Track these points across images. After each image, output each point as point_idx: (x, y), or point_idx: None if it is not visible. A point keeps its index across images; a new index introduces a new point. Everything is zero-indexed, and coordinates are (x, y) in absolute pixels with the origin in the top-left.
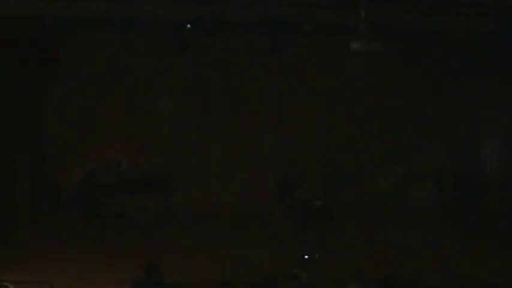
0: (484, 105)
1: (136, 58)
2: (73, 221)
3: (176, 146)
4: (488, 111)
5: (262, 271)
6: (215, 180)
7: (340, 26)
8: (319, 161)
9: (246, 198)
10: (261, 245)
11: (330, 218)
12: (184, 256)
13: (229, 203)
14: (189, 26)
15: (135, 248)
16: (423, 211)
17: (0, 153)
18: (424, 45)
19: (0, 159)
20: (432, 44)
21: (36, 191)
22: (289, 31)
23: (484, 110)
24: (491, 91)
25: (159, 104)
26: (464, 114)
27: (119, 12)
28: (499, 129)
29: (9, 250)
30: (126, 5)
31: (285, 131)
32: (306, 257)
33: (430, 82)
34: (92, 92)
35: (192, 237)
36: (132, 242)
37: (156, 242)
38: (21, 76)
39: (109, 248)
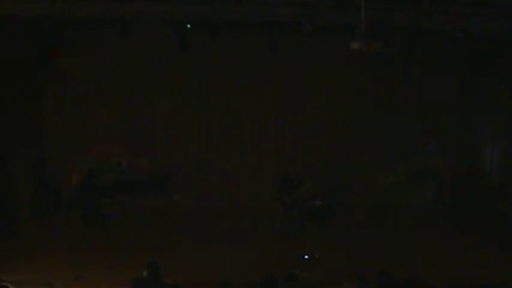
0: (484, 105)
1: (136, 58)
2: (73, 221)
3: (176, 146)
4: (489, 111)
5: (262, 271)
6: (215, 180)
7: (340, 26)
8: (319, 161)
9: (246, 198)
10: (260, 245)
11: (330, 218)
12: (184, 256)
13: (229, 203)
14: (189, 26)
15: (135, 248)
16: (423, 211)
17: (1, 154)
18: (424, 45)
19: (1, 159)
20: (432, 44)
21: (37, 191)
22: (289, 31)
23: (484, 109)
24: (491, 91)
25: (159, 104)
26: (465, 114)
27: (118, 12)
28: (499, 129)
29: (9, 250)
30: (126, 5)
31: (285, 130)
32: (306, 257)
33: (430, 82)
34: (92, 92)
35: (192, 237)
36: (132, 242)
37: (156, 242)
38: (21, 76)
39: (109, 248)
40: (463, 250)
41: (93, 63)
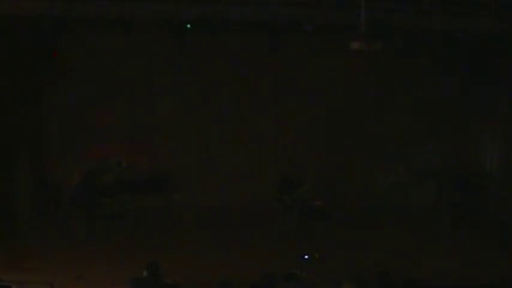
0: (484, 105)
1: (136, 58)
2: (73, 221)
3: (176, 146)
4: (489, 110)
5: (262, 271)
6: (215, 181)
7: (340, 26)
8: (319, 161)
9: (246, 198)
10: (260, 245)
11: (330, 218)
12: (184, 256)
13: (229, 203)
14: (189, 26)
15: (135, 247)
16: (423, 211)
17: (1, 153)
18: (424, 45)
19: (1, 159)
20: (432, 44)
21: (37, 191)
22: (289, 31)
23: (484, 109)
24: (491, 91)
25: (159, 104)
26: (464, 114)
27: (119, 12)
28: (499, 129)
29: (9, 250)
30: (126, 5)
31: (285, 131)
32: (306, 257)
33: (429, 82)
34: (92, 92)
35: (192, 237)
36: (132, 241)
37: (156, 242)
38: (21, 76)
39: (109, 248)
40: (463, 250)
41: (93, 63)
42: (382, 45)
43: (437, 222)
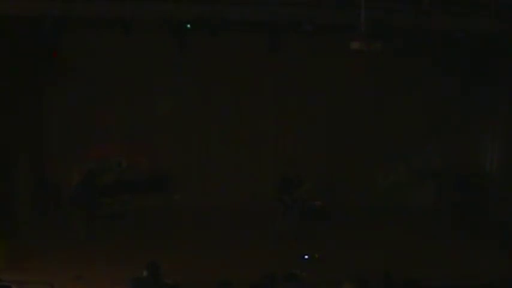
0: (484, 105)
1: (136, 58)
2: (73, 221)
3: (176, 146)
4: (488, 111)
5: (262, 271)
6: (215, 181)
7: (340, 26)
8: (319, 161)
9: (246, 198)
10: (261, 245)
11: (330, 218)
12: (184, 256)
13: (228, 203)
14: (189, 26)
15: (135, 247)
16: (423, 211)
17: (1, 153)
18: (424, 45)
19: (1, 159)
20: (432, 44)
21: (37, 191)
22: (289, 31)
23: (484, 109)
24: (491, 91)
25: (159, 104)
26: (464, 114)
27: (119, 12)
28: (499, 129)
29: (9, 250)
30: (126, 5)
31: (285, 131)
32: (306, 257)
33: (429, 82)
34: (92, 92)
35: (192, 237)
36: (132, 241)
37: (156, 242)
38: (21, 76)
39: (109, 248)
40: (463, 250)
41: (93, 63)
42: (382, 45)
43: (437, 222)
